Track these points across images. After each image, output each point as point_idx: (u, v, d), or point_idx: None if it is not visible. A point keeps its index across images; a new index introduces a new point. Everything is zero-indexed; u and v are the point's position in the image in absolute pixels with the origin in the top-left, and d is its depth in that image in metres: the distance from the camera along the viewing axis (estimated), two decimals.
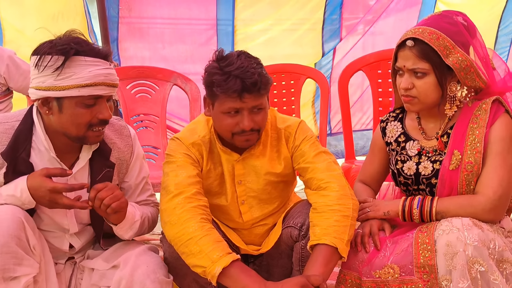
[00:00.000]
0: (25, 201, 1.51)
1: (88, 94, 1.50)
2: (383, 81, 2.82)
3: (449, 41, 1.56)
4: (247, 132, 1.63)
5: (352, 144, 2.85)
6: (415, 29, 1.60)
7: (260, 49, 3.99)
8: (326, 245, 1.52)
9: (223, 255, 1.47)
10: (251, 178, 1.77)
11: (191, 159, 1.71)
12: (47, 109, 1.54)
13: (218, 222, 1.79)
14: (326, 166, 1.70)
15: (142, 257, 1.60)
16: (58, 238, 1.69)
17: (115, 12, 3.79)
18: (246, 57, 1.61)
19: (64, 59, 1.47)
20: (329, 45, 4.20)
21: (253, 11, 4.02)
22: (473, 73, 1.59)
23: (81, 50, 1.49)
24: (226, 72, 1.56)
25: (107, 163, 1.68)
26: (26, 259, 1.47)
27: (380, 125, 1.86)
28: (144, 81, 2.99)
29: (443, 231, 1.47)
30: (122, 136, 1.77)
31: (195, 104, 2.93)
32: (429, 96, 1.61)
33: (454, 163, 1.60)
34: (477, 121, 1.61)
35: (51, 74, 1.48)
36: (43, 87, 1.50)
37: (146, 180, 1.85)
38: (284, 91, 2.99)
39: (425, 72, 1.59)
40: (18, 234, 1.45)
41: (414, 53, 1.58)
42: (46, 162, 1.60)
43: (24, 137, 1.57)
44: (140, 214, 1.71)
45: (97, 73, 1.51)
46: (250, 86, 1.55)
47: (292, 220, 1.75)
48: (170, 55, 3.98)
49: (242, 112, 1.60)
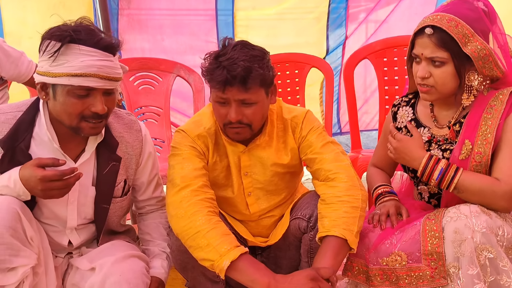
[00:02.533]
0: (19, 191, 1.49)
1: (77, 84, 1.46)
2: (389, 69, 2.79)
3: (468, 29, 1.52)
4: (236, 125, 1.60)
5: (358, 133, 2.84)
6: (433, 16, 1.56)
7: (261, 39, 3.95)
8: (335, 236, 1.50)
9: (231, 248, 1.46)
10: (258, 170, 1.76)
11: (196, 152, 1.70)
12: (45, 94, 1.52)
13: (225, 214, 1.78)
14: (334, 157, 1.68)
15: (119, 264, 1.55)
16: (58, 232, 1.67)
17: (115, 4, 3.76)
18: (242, 48, 1.56)
19: (60, 45, 1.44)
20: (334, 34, 4.15)
21: (254, 1, 3.99)
22: (491, 62, 1.55)
23: (77, 38, 1.45)
24: (218, 62, 1.55)
25: (113, 156, 1.66)
26: (22, 250, 1.45)
27: (391, 109, 1.83)
28: (147, 72, 2.96)
29: (451, 218, 1.46)
30: (132, 130, 1.74)
31: (198, 95, 2.91)
32: (446, 86, 1.58)
33: (464, 153, 1.58)
34: (491, 111, 1.57)
35: (47, 60, 1.47)
36: (41, 72, 1.49)
37: (158, 175, 1.85)
38: (288, 81, 2.96)
39: (444, 61, 1.55)
40: (13, 225, 1.43)
41: (432, 41, 1.54)
42: (49, 153, 1.56)
43: (25, 128, 1.55)
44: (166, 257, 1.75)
45: (89, 64, 1.46)
46: (231, 78, 1.52)
47: (300, 211, 1.73)
48: (170, 46, 3.96)
49: (230, 104, 1.58)
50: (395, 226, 1.59)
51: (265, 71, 1.58)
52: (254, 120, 1.62)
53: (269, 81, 1.62)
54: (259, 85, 1.57)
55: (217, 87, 1.55)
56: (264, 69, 1.57)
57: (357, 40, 4.23)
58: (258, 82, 1.56)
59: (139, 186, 1.80)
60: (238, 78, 1.52)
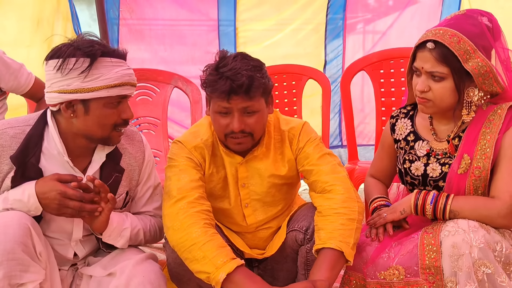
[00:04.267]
0: (31, 207, 1.50)
1: (116, 94, 1.53)
2: (386, 81, 2.80)
3: (471, 45, 1.52)
4: (238, 135, 1.62)
5: (355, 144, 2.84)
6: (436, 30, 1.56)
7: (262, 50, 3.98)
8: (331, 249, 1.50)
9: (227, 261, 1.45)
10: (255, 181, 1.76)
11: (193, 163, 1.70)
12: (71, 112, 1.54)
13: (222, 226, 1.77)
14: (331, 169, 1.68)
15: (140, 266, 1.58)
16: (63, 246, 1.68)
17: (115, 14, 3.78)
18: (242, 59, 1.59)
19: (90, 60, 1.48)
20: (331, 45, 4.17)
21: (255, 12, 4.02)
22: (491, 78, 1.55)
23: (106, 51, 1.52)
24: (219, 73, 1.57)
25: (117, 168, 1.68)
26: (32, 265, 1.46)
27: (390, 120, 1.83)
28: (145, 83, 2.97)
29: (449, 232, 1.46)
30: (134, 141, 1.76)
31: (196, 106, 2.91)
32: (445, 101, 1.58)
33: (463, 167, 1.58)
34: (490, 126, 1.58)
35: (78, 77, 1.49)
36: (68, 90, 1.50)
37: (155, 190, 1.82)
38: (285, 92, 2.97)
39: (443, 77, 1.55)
40: (24, 241, 1.44)
41: (433, 56, 1.54)
42: (59, 166, 1.59)
43: (35, 142, 1.57)
44: (130, 222, 1.68)
45: (123, 73, 1.54)
46: (237, 87, 1.54)
47: (297, 223, 1.73)
48: (171, 57, 3.98)
49: (233, 113, 1.60)
50: (391, 234, 1.59)
51: (265, 80, 1.61)
52: (256, 129, 1.64)
53: (268, 91, 1.65)
54: (261, 94, 1.61)
55: (221, 96, 1.57)
56: (265, 78, 1.61)
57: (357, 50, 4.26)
58: (261, 91, 1.60)
59: (141, 196, 1.80)
60: (243, 87, 1.54)
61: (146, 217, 1.79)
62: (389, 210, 1.68)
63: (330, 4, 4.03)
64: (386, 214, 1.67)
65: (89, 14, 7.64)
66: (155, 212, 1.82)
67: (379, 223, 1.66)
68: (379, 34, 4.32)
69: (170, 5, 3.93)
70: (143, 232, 1.73)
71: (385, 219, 1.66)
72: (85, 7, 7.63)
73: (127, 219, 1.68)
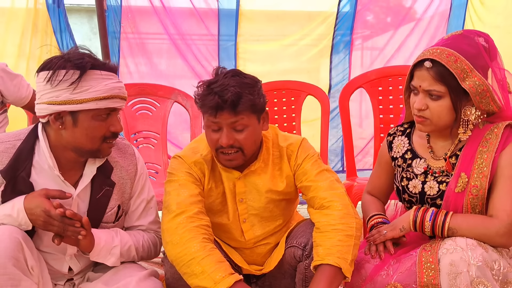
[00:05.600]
0: (21, 221, 1.50)
1: (105, 106, 1.54)
2: (384, 98, 2.83)
3: (467, 64, 1.54)
4: (229, 150, 1.63)
5: (353, 161, 2.85)
6: (433, 50, 1.58)
7: (262, 65, 4.01)
8: (329, 265, 1.50)
9: (225, 276, 1.46)
10: (253, 196, 1.77)
11: (193, 178, 1.71)
12: (60, 123, 1.54)
13: (220, 241, 1.78)
14: (329, 185, 1.69)
15: (143, 283, 1.58)
16: (58, 260, 1.67)
17: (117, 29, 3.81)
18: (232, 76, 1.61)
19: (80, 73, 1.49)
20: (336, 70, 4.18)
21: (256, 27, 4.05)
22: (488, 97, 1.57)
23: (96, 64, 1.53)
24: (210, 88, 1.59)
25: (107, 181, 1.68)
26: (24, 280, 1.45)
27: (387, 138, 1.85)
28: (145, 98, 2.99)
29: (447, 250, 1.46)
30: (126, 154, 1.76)
31: (195, 121, 2.93)
32: (442, 119, 1.60)
33: (460, 186, 1.59)
34: (487, 145, 1.59)
35: (67, 88, 1.50)
36: (57, 101, 1.51)
37: (148, 204, 1.81)
38: (284, 108, 2.99)
39: (440, 95, 1.57)
40: (15, 255, 1.43)
41: (431, 75, 1.56)
42: (50, 180, 1.58)
43: (25, 156, 1.57)
44: (120, 240, 1.67)
45: (112, 86, 1.55)
46: (222, 103, 1.56)
47: (295, 239, 1.73)
48: (171, 71, 4.01)
49: (222, 129, 1.62)
50: (392, 252, 1.60)
51: (255, 97, 1.62)
52: (246, 145, 1.64)
53: (259, 108, 1.65)
54: (250, 110, 1.61)
55: (209, 112, 1.60)
56: (255, 95, 1.62)
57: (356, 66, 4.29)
58: (249, 107, 1.60)
59: (134, 210, 1.79)
60: (228, 103, 1.56)
61: (139, 232, 1.78)
62: (389, 227, 1.68)
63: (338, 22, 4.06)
64: (386, 231, 1.67)
65: (90, 28, 7.72)
66: (149, 226, 1.81)
67: (379, 240, 1.66)
68: (377, 50, 4.37)
69: (171, 20, 3.97)
70: (135, 248, 1.71)
71: (385, 236, 1.66)
72: (85, 21, 7.71)
73: (116, 236, 1.67)
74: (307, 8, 4.35)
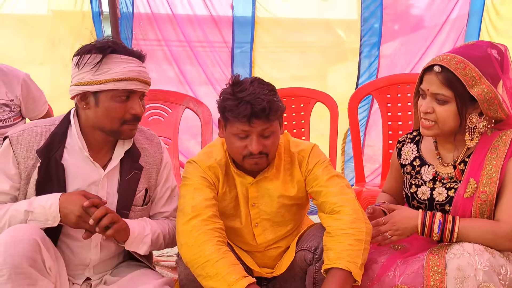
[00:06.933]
0: (50, 216, 1.57)
1: (122, 88, 1.62)
2: (392, 105, 2.85)
3: (476, 72, 1.57)
4: (256, 156, 1.67)
5: (362, 167, 2.87)
6: (444, 56, 1.61)
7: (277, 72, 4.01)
8: (340, 269, 1.53)
9: (239, 278, 1.49)
10: (265, 201, 1.80)
11: (207, 182, 1.75)
12: (85, 103, 1.66)
13: (232, 244, 1.80)
14: (339, 190, 1.72)
15: None
16: (83, 248, 1.72)
17: (129, 36, 3.86)
18: (258, 84, 1.66)
19: (101, 56, 1.61)
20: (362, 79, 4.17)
21: (272, 35, 4.06)
22: (496, 105, 1.59)
23: (117, 49, 1.64)
24: (238, 98, 1.62)
25: (135, 165, 1.77)
26: (40, 279, 1.49)
27: (396, 145, 1.88)
28: (157, 104, 3.04)
29: (454, 254, 1.48)
30: (153, 143, 1.87)
31: (206, 127, 2.97)
32: (447, 124, 1.63)
33: (469, 192, 1.61)
34: (495, 151, 1.61)
35: (90, 70, 1.61)
36: (82, 82, 1.62)
37: (173, 191, 1.91)
38: (294, 114, 3.02)
39: (447, 100, 1.60)
40: (32, 256, 1.47)
41: (439, 79, 1.59)
42: (80, 161, 1.69)
43: (59, 139, 1.68)
44: (150, 228, 1.75)
45: (131, 69, 1.64)
46: (259, 111, 1.60)
47: (306, 243, 1.76)
48: (182, 78, 4.03)
49: (251, 136, 1.65)
50: None
51: (281, 103, 1.69)
52: (272, 150, 1.70)
53: (282, 113, 1.72)
54: (277, 116, 1.68)
55: (242, 121, 1.62)
56: (280, 101, 1.69)
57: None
58: (278, 113, 1.67)
59: (161, 197, 1.87)
60: (265, 111, 1.61)
61: (164, 221, 1.86)
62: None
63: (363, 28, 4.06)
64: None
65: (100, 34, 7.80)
66: (173, 213, 1.89)
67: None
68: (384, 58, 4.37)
69: (182, 27, 4.00)
70: (163, 236, 1.79)
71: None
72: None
73: (147, 225, 1.75)
74: (325, 16, 4.36)
